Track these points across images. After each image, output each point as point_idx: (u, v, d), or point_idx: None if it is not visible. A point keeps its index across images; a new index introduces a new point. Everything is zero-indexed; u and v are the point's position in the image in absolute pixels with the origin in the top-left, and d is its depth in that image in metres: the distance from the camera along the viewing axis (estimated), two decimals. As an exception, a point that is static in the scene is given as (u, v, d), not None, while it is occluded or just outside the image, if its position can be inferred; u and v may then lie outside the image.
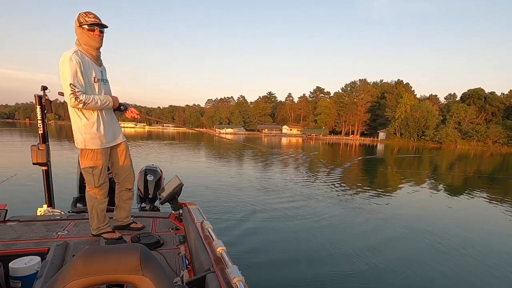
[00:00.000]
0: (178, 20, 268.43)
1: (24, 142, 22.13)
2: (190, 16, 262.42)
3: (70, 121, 2.19)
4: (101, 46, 2.18)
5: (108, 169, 2.36)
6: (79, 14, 2.08)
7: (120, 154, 2.38)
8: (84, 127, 2.12)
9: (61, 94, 2.33)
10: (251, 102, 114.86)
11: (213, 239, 1.69)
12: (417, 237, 5.29)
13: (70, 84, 1.98)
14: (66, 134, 35.68)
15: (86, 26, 2.05)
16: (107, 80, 2.32)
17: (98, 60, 2.20)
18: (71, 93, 1.98)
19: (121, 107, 2.35)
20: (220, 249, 1.51)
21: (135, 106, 2.51)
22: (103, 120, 2.20)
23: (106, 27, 2.15)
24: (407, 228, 5.78)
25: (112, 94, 2.33)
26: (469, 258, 4.49)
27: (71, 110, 2.12)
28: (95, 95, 2.13)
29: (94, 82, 2.14)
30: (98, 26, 2.08)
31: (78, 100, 2.00)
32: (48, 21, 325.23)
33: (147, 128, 75.20)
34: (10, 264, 1.67)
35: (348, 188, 9.84)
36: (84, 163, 2.19)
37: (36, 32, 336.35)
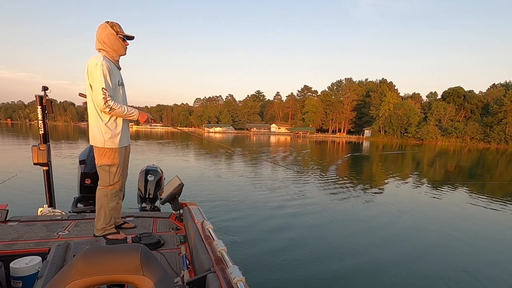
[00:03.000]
0: (164, 16, 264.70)
1: (13, 145, 21.73)
2: (177, 13, 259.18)
3: (53, 121, 2.41)
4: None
5: None
6: (112, 23, 2.27)
7: (125, 155, 2.49)
8: (106, 127, 2.24)
9: (82, 95, 2.55)
10: (239, 101, 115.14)
11: (213, 239, 1.72)
12: (420, 229, 5.64)
13: (103, 88, 2.11)
14: (50, 135, 34.75)
15: (121, 36, 2.27)
16: (124, 84, 2.48)
17: (119, 65, 2.37)
18: (103, 97, 2.12)
19: None
20: (221, 249, 1.53)
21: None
22: (123, 122, 2.34)
23: (133, 38, 2.38)
24: (408, 221, 6.12)
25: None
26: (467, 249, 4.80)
27: (93, 111, 2.24)
28: (119, 99, 2.32)
29: (118, 85, 2.30)
30: (129, 39, 2.35)
31: (107, 105, 2.14)
32: (26, 17, 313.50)
33: (134, 127, 74.11)
34: (11, 264, 1.67)
35: (345, 184, 10.10)
36: (102, 161, 2.27)
37: (14, 30, 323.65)
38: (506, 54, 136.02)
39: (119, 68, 2.38)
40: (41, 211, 3.01)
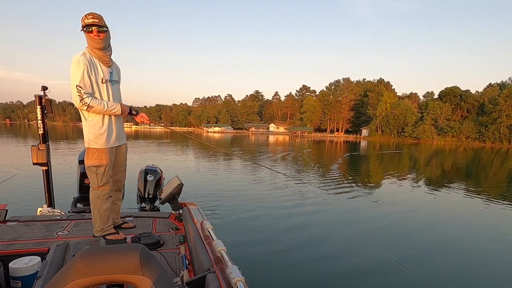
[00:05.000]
0: (164, 16, 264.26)
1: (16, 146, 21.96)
2: (176, 13, 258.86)
3: (52, 122, 2.37)
4: (105, 46, 2.15)
5: None
6: (81, 17, 2.06)
7: (120, 156, 2.42)
8: (89, 126, 2.17)
9: None
10: (238, 101, 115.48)
11: (213, 239, 1.71)
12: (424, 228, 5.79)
13: (77, 85, 2.02)
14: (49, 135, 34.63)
15: (84, 28, 2.06)
16: (116, 80, 2.33)
17: (107, 61, 2.20)
18: (78, 95, 2.03)
19: (133, 111, 2.39)
20: (220, 249, 1.53)
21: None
22: (109, 121, 2.23)
23: (104, 27, 2.08)
24: (406, 216, 6.44)
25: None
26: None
27: (80, 110, 2.18)
28: (103, 96, 2.19)
29: (102, 83, 2.17)
30: (95, 27, 2.05)
31: (83, 103, 2.04)
32: (26, 17, 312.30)
33: (133, 128, 74.26)
34: (10, 264, 1.67)
35: (346, 183, 10.24)
36: (89, 162, 2.22)
37: (14, 30, 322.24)
38: (506, 54, 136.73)
39: (108, 64, 2.23)
40: (40, 211, 2.99)
